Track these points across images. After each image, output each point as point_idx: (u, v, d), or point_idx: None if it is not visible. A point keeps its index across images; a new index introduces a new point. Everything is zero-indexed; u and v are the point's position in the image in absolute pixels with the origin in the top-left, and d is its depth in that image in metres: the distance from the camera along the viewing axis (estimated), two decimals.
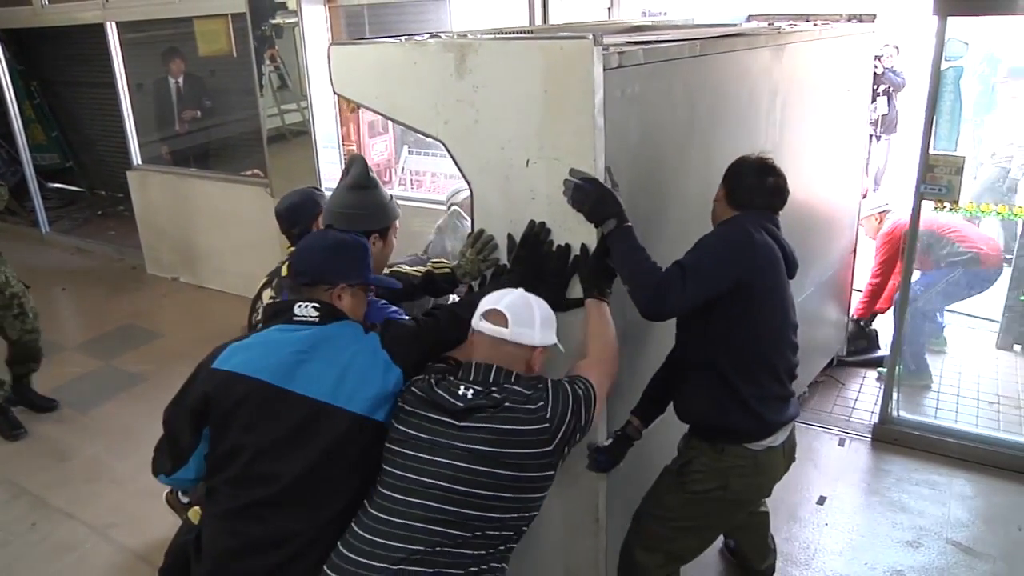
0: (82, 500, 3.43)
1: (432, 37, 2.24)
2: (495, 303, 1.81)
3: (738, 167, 2.16)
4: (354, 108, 4.85)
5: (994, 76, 5.62)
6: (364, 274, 1.90)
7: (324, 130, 4.95)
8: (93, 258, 7.06)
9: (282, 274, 2.41)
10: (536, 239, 2.07)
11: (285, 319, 1.81)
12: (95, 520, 3.29)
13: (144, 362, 4.77)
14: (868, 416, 3.80)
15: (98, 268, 6.78)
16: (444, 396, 1.73)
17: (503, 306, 1.80)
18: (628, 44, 2.06)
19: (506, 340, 1.78)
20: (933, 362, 4.06)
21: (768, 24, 3.33)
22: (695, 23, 3.52)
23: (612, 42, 2.00)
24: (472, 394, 1.73)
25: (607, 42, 1.93)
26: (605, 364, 1.95)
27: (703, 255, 2.00)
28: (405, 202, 3.92)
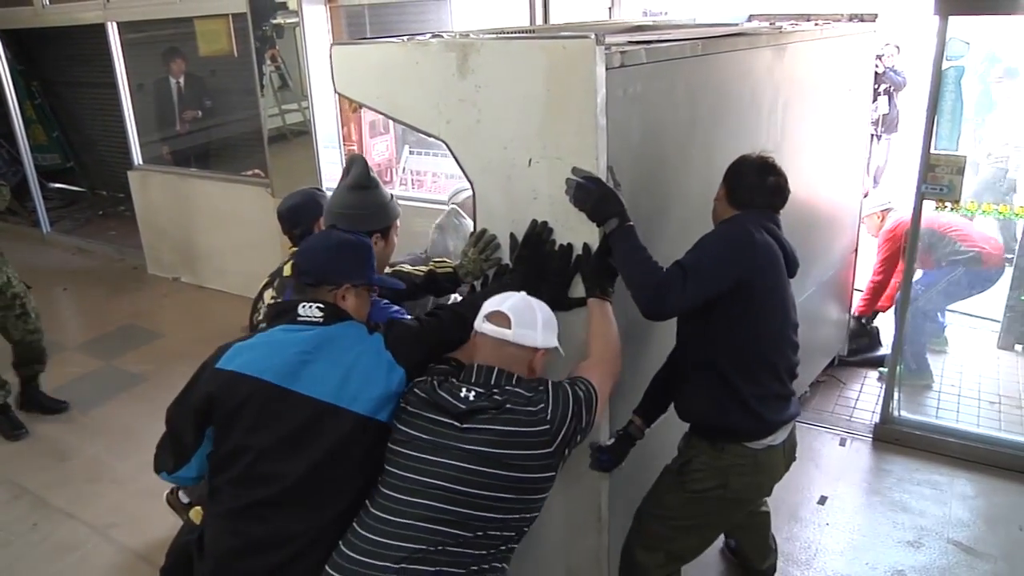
0: (83, 500, 3.43)
1: (434, 37, 2.23)
2: (498, 305, 1.82)
3: (739, 166, 2.16)
4: (356, 108, 4.85)
5: (989, 76, 5.62)
6: (368, 275, 1.90)
7: (325, 130, 4.95)
8: (94, 258, 7.06)
9: (284, 274, 2.41)
10: (538, 238, 2.07)
11: (289, 319, 1.81)
12: (96, 520, 3.29)
13: (145, 362, 4.77)
14: (869, 416, 3.80)
15: (99, 268, 6.78)
16: (446, 398, 1.74)
17: (506, 308, 1.81)
18: (630, 44, 2.06)
19: (509, 341, 1.79)
20: (934, 362, 4.06)
21: (769, 24, 3.33)
22: (696, 23, 3.52)
23: (614, 42, 2.00)
24: (474, 396, 1.73)
25: (609, 42, 1.93)
26: (607, 364, 1.95)
27: (703, 255, 2.00)
28: (406, 202, 3.92)
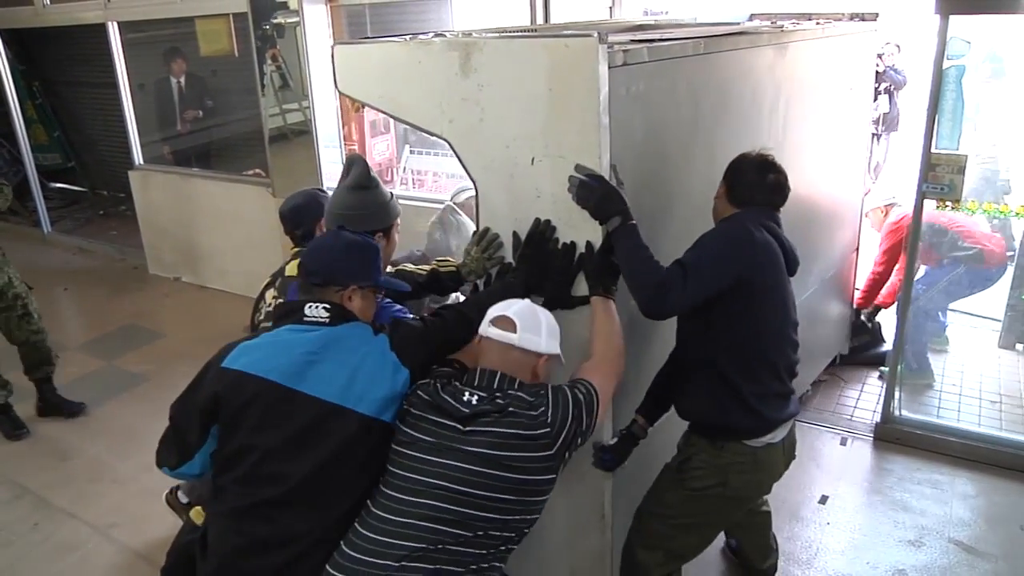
0: (84, 500, 3.43)
1: (437, 36, 2.24)
2: (503, 310, 1.85)
3: (739, 164, 2.16)
4: (358, 108, 4.85)
5: (978, 76, 5.59)
6: (375, 276, 1.91)
7: (326, 129, 4.95)
8: (95, 258, 7.06)
9: (286, 274, 2.41)
10: (541, 237, 2.07)
11: (295, 319, 1.81)
12: (97, 520, 3.29)
13: (146, 362, 4.77)
14: (870, 415, 3.80)
15: (100, 268, 6.78)
16: (449, 401, 1.75)
17: (511, 313, 1.83)
18: (632, 42, 2.06)
19: (514, 346, 1.81)
20: (935, 361, 4.06)
21: (771, 23, 3.33)
22: (698, 22, 3.52)
23: (616, 40, 2.00)
24: (477, 400, 1.75)
25: (611, 40, 1.93)
26: (610, 363, 1.95)
27: (703, 253, 2.00)
28: (407, 201, 3.93)
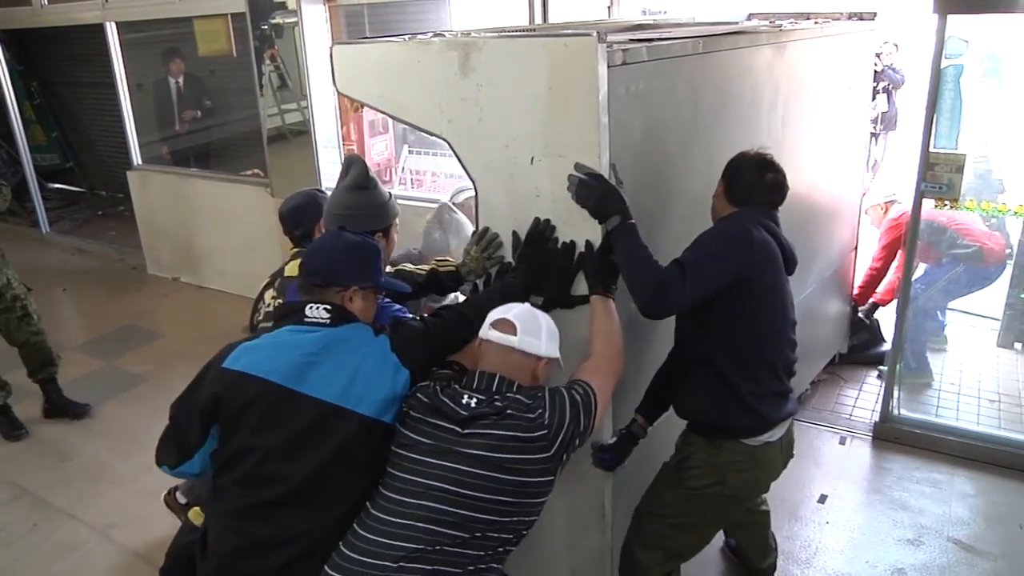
0: (83, 500, 3.42)
1: (436, 36, 2.23)
2: (504, 313, 1.86)
3: (737, 163, 2.16)
4: (357, 108, 4.84)
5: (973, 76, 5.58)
6: (376, 277, 1.91)
7: (324, 130, 4.94)
8: (94, 258, 7.05)
9: (285, 274, 2.41)
10: (541, 236, 2.07)
11: (296, 320, 1.81)
12: (96, 520, 3.28)
13: (145, 362, 4.77)
14: (869, 414, 3.80)
15: (99, 268, 6.78)
16: (449, 404, 1.75)
17: (512, 316, 1.84)
18: (631, 42, 2.07)
19: (514, 348, 1.82)
20: (934, 360, 4.06)
21: (769, 22, 3.34)
22: (696, 21, 3.52)
23: (615, 40, 2.01)
24: (475, 403, 1.76)
25: (611, 40, 1.93)
26: (609, 363, 1.96)
27: (702, 253, 2.00)
28: (406, 201, 3.92)
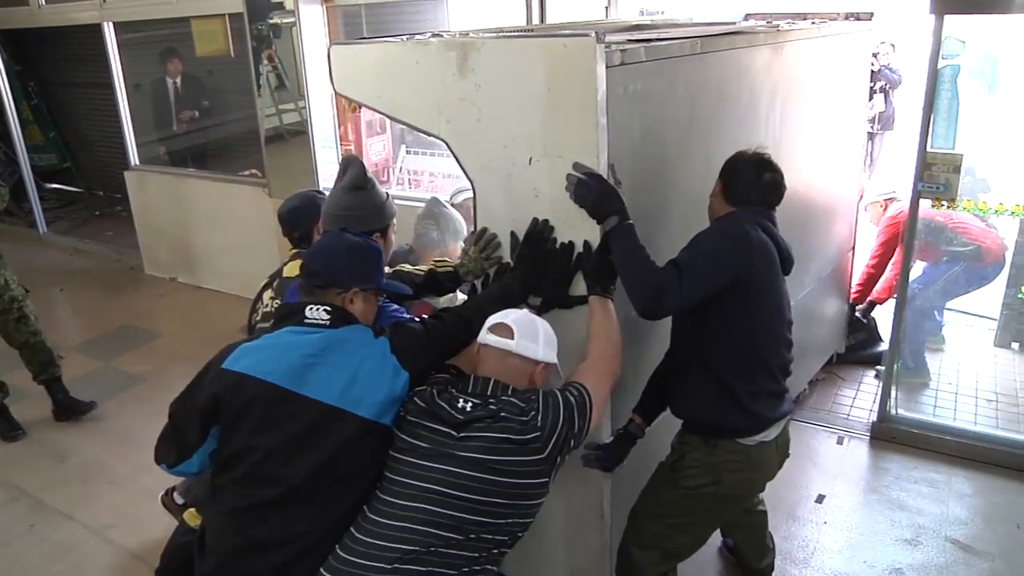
0: (81, 501, 3.42)
1: (434, 36, 2.23)
2: (501, 318, 1.87)
3: (735, 162, 2.16)
4: (356, 108, 4.84)
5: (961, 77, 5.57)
6: (377, 279, 1.91)
7: (322, 130, 4.94)
8: (91, 259, 7.04)
9: (284, 275, 2.41)
10: (539, 237, 2.07)
11: (296, 321, 1.81)
12: (94, 521, 3.28)
13: (143, 363, 4.76)
14: (867, 414, 3.81)
15: (96, 269, 6.77)
16: (445, 408, 1.76)
17: (510, 320, 1.85)
18: (630, 42, 2.07)
19: (512, 352, 1.82)
20: (931, 360, 4.07)
21: (767, 22, 3.34)
22: (694, 22, 3.53)
23: (614, 40, 2.01)
24: (471, 407, 1.76)
25: (609, 40, 1.93)
26: (606, 364, 1.96)
27: (699, 253, 2.01)
28: (403, 202, 3.91)
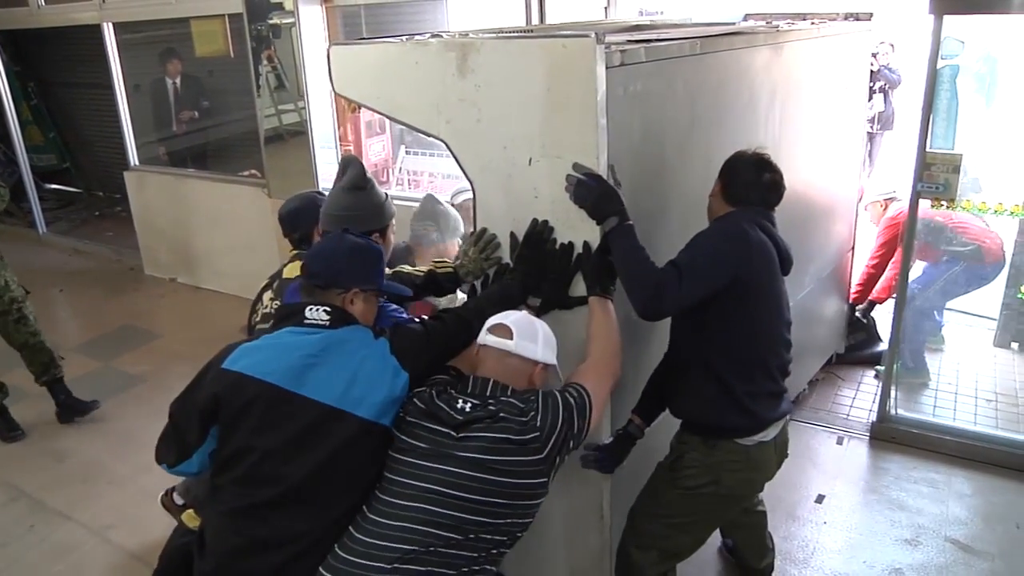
0: (80, 502, 3.42)
1: (433, 37, 2.23)
2: (501, 319, 1.88)
3: (734, 162, 2.16)
4: (355, 108, 4.84)
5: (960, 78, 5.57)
6: (377, 280, 1.91)
7: (321, 130, 4.94)
8: (90, 259, 7.04)
9: (284, 276, 2.41)
10: (539, 237, 2.07)
11: (296, 322, 1.81)
12: (93, 522, 3.28)
13: (143, 363, 4.76)
14: (866, 414, 3.80)
15: (95, 269, 6.77)
16: (444, 408, 1.76)
17: (509, 321, 1.86)
18: (629, 42, 2.07)
19: (511, 353, 1.83)
20: (931, 360, 4.07)
21: (766, 23, 3.34)
22: (693, 22, 3.53)
23: (613, 40, 2.01)
24: (470, 408, 1.77)
25: (608, 41, 1.93)
26: (606, 364, 1.96)
27: (698, 253, 2.01)
28: (403, 202, 3.91)
